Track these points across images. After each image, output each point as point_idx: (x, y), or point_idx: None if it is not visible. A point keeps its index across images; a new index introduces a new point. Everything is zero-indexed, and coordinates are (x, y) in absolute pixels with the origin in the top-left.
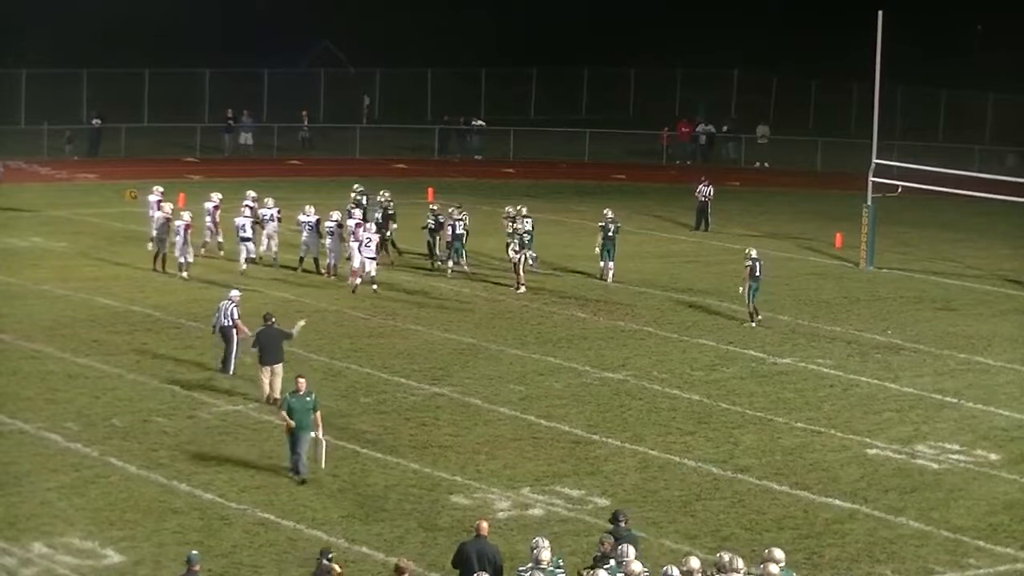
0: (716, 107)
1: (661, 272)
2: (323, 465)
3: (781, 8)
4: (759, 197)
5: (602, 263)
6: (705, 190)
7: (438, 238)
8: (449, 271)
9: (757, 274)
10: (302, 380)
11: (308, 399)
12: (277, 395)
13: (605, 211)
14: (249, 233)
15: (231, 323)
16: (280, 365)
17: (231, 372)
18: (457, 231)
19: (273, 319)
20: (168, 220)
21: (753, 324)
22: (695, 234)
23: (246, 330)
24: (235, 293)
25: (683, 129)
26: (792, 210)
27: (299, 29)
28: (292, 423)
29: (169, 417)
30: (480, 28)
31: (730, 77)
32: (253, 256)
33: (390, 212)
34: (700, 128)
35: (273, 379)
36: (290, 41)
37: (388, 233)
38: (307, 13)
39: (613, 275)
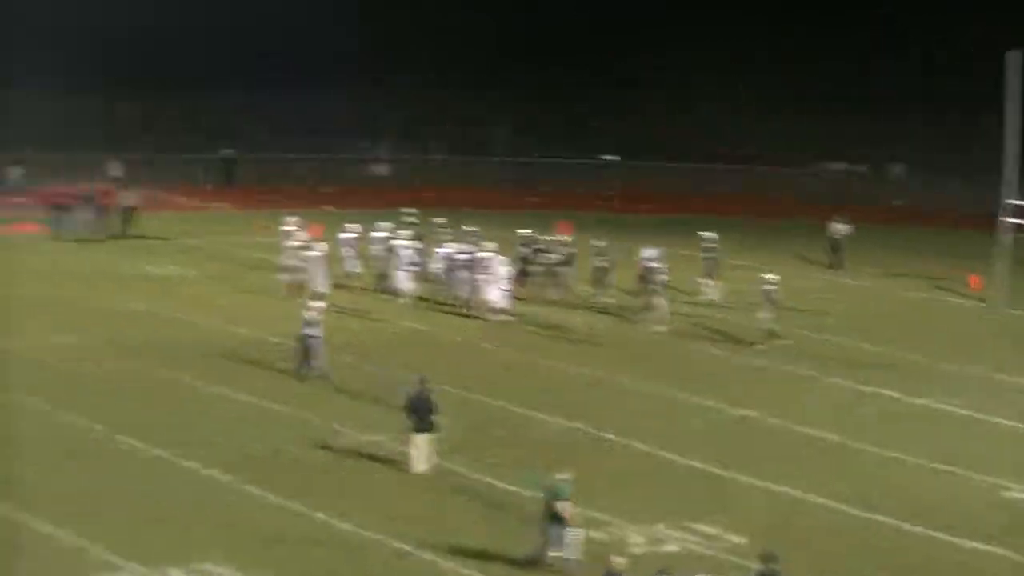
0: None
1: (796, 310)
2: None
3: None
4: (894, 235)
5: (703, 280)
6: (841, 228)
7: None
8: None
9: (774, 299)
10: (567, 464)
11: None
12: (426, 465)
13: (707, 233)
14: (410, 265)
15: (311, 333)
16: (432, 433)
17: (321, 376)
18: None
19: (428, 383)
20: (302, 249)
21: (763, 347)
22: (829, 272)
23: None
24: (317, 304)
25: (819, 165)
26: (928, 248)
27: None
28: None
29: (305, 447)
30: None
31: (865, 115)
32: (407, 287)
33: (572, 251)
34: (836, 165)
35: (426, 446)
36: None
37: (569, 271)
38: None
39: (717, 294)
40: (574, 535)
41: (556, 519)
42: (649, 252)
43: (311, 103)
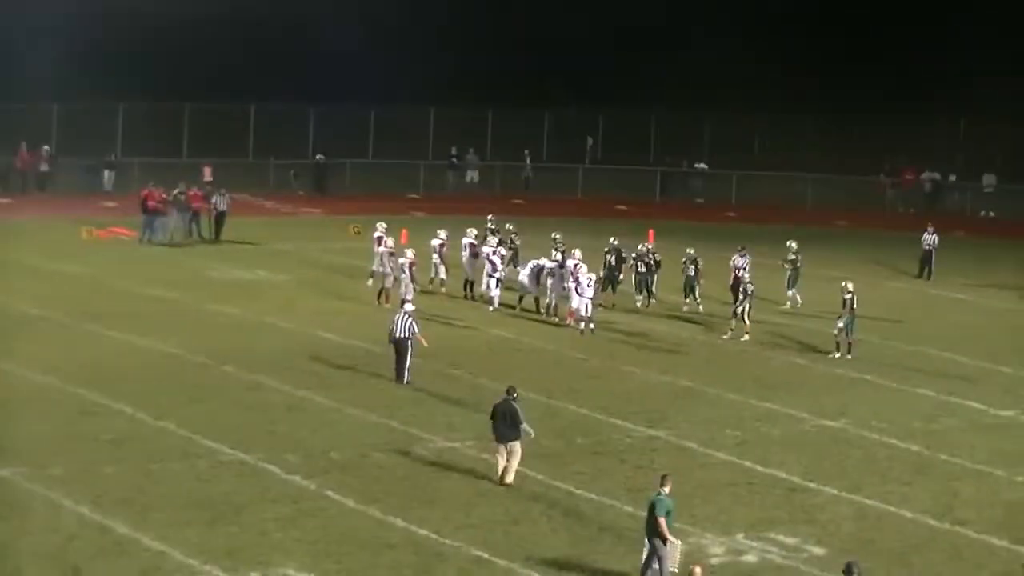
0: (943, 154)
1: (881, 320)
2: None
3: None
4: (984, 247)
5: (790, 292)
6: (930, 238)
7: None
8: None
9: (853, 307)
10: (669, 478)
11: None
12: (510, 479)
13: (790, 243)
14: (497, 271)
15: (406, 336)
16: (517, 444)
17: (405, 382)
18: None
19: (515, 394)
20: (391, 255)
21: (838, 356)
22: (917, 282)
23: (424, 342)
24: (410, 307)
25: (907, 176)
26: (1018, 261)
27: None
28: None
29: (386, 452)
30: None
31: (956, 126)
32: (495, 294)
33: (658, 259)
34: (925, 175)
35: (511, 458)
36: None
37: (653, 279)
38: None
39: (799, 303)
40: (668, 548)
41: (654, 532)
42: (739, 260)
43: (404, 110)
